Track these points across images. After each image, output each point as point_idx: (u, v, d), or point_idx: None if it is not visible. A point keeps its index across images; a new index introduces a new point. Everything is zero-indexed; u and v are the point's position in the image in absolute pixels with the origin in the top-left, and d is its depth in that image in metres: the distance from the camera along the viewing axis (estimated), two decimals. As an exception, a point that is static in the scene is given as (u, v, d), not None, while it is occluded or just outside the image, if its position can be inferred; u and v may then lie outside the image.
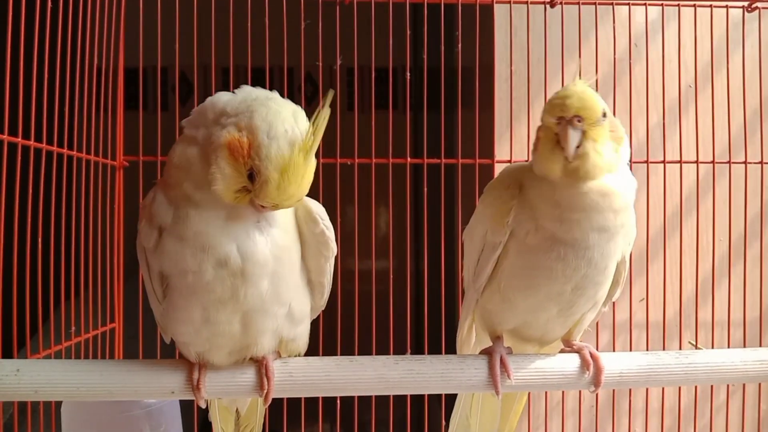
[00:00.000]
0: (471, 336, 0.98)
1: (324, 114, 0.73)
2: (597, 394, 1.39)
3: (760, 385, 1.44)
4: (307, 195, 0.82)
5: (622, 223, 0.80)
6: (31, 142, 1.03)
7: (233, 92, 0.76)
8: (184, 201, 0.75)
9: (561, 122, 0.77)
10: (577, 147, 0.77)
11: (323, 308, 0.90)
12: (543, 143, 0.80)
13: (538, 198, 0.81)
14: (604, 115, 0.78)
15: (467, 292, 0.92)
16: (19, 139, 1.01)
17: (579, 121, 0.77)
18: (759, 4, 1.30)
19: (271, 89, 0.78)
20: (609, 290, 0.88)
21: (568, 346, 0.89)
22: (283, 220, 0.79)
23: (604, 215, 0.78)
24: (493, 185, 0.88)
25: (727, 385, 1.41)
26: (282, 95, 0.78)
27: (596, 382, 0.86)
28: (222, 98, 0.75)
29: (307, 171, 0.73)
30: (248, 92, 0.76)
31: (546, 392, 0.90)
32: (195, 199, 0.74)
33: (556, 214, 0.79)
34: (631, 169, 1.30)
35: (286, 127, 0.72)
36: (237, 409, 0.97)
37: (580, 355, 0.87)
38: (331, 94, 0.74)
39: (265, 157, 0.70)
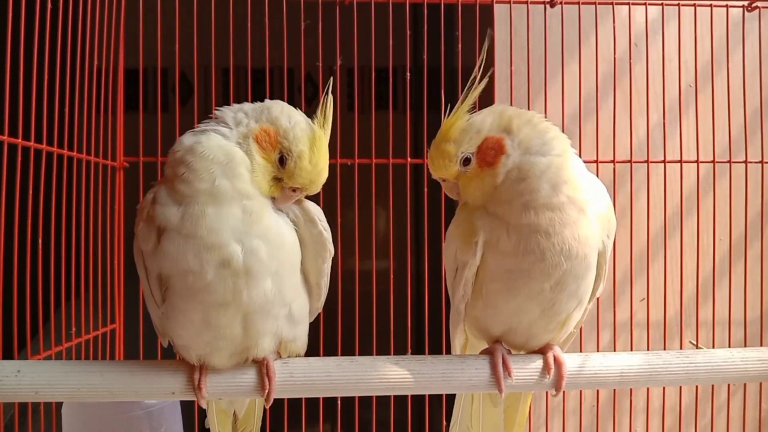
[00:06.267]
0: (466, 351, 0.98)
1: (329, 99, 0.80)
2: (598, 394, 1.39)
3: (761, 384, 1.44)
4: (308, 195, 0.83)
5: (569, 199, 0.79)
6: (32, 143, 1.03)
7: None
8: (205, 196, 0.74)
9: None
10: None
11: (320, 310, 0.90)
12: None
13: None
14: (466, 161, 0.82)
15: (452, 307, 0.91)
16: (20, 140, 1.01)
17: (444, 180, 0.85)
18: (759, 4, 1.30)
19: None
20: (593, 285, 0.86)
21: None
22: (284, 220, 0.80)
23: (541, 193, 0.78)
24: (461, 207, 0.88)
25: (728, 385, 1.41)
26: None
27: (557, 386, 0.85)
28: (243, 104, 0.82)
29: (326, 148, 0.80)
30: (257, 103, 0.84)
31: (547, 392, 0.90)
32: (217, 194, 0.74)
33: (511, 208, 0.80)
34: (631, 167, 1.31)
35: (301, 118, 0.80)
36: (234, 412, 0.97)
37: (543, 357, 0.86)
38: (331, 81, 0.82)
39: (293, 137, 0.78)
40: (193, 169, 0.75)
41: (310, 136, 0.78)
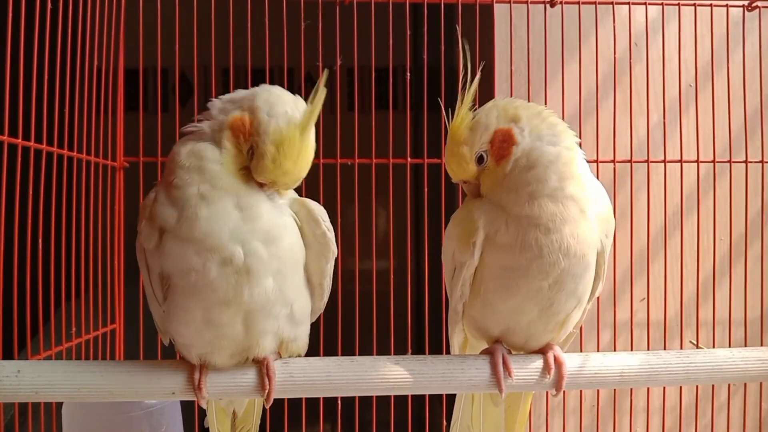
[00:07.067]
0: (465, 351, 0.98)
1: (321, 93, 0.76)
2: (598, 394, 1.39)
3: (761, 384, 1.44)
4: (308, 195, 0.83)
5: (573, 195, 0.79)
6: (32, 143, 1.03)
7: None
8: (196, 199, 0.74)
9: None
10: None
11: (322, 311, 0.90)
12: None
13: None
14: (481, 159, 0.82)
15: (450, 306, 0.91)
16: (20, 140, 1.01)
17: (465, 182, 0.86)
18: (759, 3, 1.30)
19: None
20: (591, 285, 0.86)
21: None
22: (288, 219, 0.80)
23: (548, 183, 0.78)
24: (464, 204, 0.88)
25: (728, 385, 1.41)
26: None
27: (557, 386, 0.85)
28: (239, 91, 0.80)
29: (303, 147, 0.76)
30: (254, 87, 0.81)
31: (547, 392, 0.90)
32: (208, 196, 0.74)
33: (517, 196, 0.80)
34: (631, 167, 1.31)
35: (286, 108, 0.76)
36: (234, 411, 0.97)
37: (544, 357, 0.86)
38: (326, 73, 0.78)
39: (264, 132, 0.75)
40: (179, 176, 0.76)
41: (281, 134, 0.74)
